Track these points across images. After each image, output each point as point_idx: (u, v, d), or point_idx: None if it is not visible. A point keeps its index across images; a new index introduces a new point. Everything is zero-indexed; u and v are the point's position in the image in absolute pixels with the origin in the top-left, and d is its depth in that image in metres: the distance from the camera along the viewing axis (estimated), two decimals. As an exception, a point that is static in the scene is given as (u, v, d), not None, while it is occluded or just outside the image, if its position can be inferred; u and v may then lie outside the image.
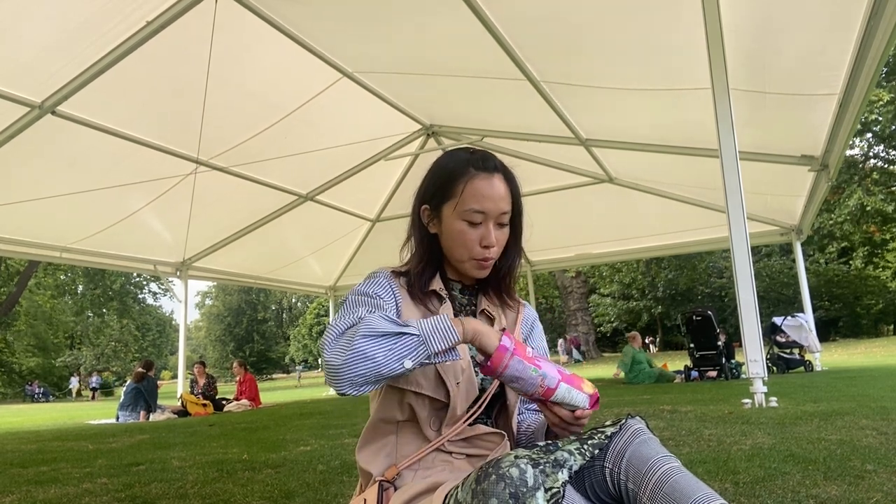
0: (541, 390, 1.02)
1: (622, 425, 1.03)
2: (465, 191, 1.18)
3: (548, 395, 1.03)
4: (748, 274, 4.11)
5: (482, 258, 1.19)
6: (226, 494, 2.49)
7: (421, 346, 1.00)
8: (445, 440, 1.11)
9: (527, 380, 1.02)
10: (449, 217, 1.20)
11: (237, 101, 6.13)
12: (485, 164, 1.21)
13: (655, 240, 10.25)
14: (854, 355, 16.58)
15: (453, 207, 1.19)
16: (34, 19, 4.37)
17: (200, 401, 8.71)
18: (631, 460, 0.98)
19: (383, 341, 0.99)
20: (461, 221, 1.18)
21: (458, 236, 1.19)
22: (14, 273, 31.66)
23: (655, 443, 1.01)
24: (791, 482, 2.02)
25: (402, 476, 1.09)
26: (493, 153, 1.26)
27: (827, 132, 5.72)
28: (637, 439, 1.00)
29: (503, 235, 1.22)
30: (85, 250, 8.22)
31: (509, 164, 1.26)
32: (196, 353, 52.18)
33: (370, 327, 1.00)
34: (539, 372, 1.02)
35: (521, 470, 0.88)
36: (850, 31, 4.12)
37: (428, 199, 1.25)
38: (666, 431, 3.32)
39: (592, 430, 1.04)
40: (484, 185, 1.18)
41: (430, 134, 8.06)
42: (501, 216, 1.20)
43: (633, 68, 5.36)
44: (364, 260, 11.41)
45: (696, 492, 0.90)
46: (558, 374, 1.03)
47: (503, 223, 1.22)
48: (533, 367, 1.02)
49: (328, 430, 4.73)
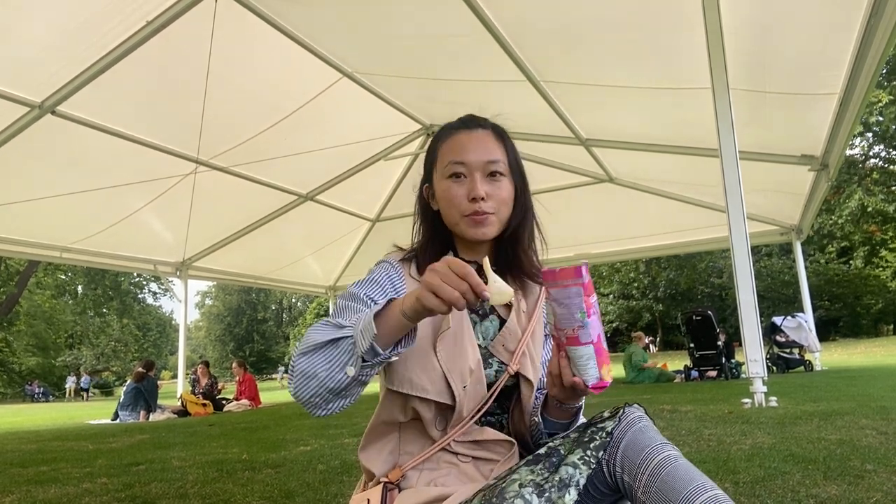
0: (569, 333, 0.96)
1: (620, 416, 0.98)
2: (444, 146, 1.13)
3: (570, 342, 0.96)
4: (748, 274, 4.10)
5: (472, 213, 1.08)
6: (226, 494, 2.49)
7: (354, 347, 0.90)
8: (451, 440, 1.06)
9: (569, 314, 0.95)
10: (437, 182, 1.13)
11: (237, 101, 6.12)
12: (466, 122, 1.16)
13: (655, 240, 10.25)
14: (854, 355, 16.58)
15: (438, 171, 1.13)
16: (34, 19, 4.37)
17: (200, 401, 8.72)
18: (626, 452, 0.93)
19: (321, 353, 0.90)
20: (445, 180, 1.10)
21: (445, 195, 1.10)
22: (14, 273, 31.65)
23: (651, 430, 0.96)
24: (791, 482, 2.02)
25: (406, 477, 1.05)
26: (483, 117, 1.19)
27: (827, 132, 5.72)
28: (633, 428, 0.95)
29: (499, 190, 1.10)
30: (85, 250, 8.22)
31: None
32: (196, 353, 52.16)
33: (307, 341, 0.92)
34: (582, 319, 0.95)
35: (527, 501, 0.85)
36: (851, 31, 4.12)
37: (425, 177, 1.19)
38: (666, 431, 3.32)
39: (593, 429, 0.98)
40: (462, 137, 1.12)
41: (429, 134, 8.06)
42: (488, 165, 1.10)
43: (633, 68, 5.36)
44: (364, 260, 11.40)
45: (689, 484, 0.86)
46: (596, 338, 0.96)
47: (495, 173, 1.10)
48: (582, 311, 0.95)
49: (328, 430, 4.73)
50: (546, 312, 1.07)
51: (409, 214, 1.31)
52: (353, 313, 1.01)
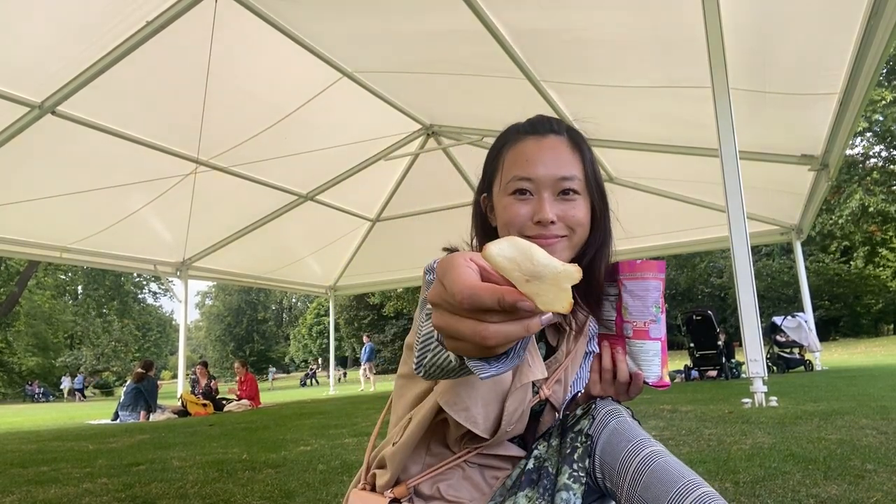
0: (639, 326, 0.93)
1: (593, 413, 0.92)
2: (507, 157, 0.97)
3: (637, 336, 0.93)
4: (748, 274, 4.10)
5: (536, 236, 0.92)
6: (226, 494, 2.49)
7: None
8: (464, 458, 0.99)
9: (643, 307, 0.93)
10: (497, 196, 0.98)
11: (237, 101, 6.12)
12: (535, 126, 0.99)
13: (655, 239, 10.24)
14: (854, 355, 16.58)
15: (499, 183, 0.97)
16: (34, 19, 4.37)
17: (200, 401, 8.72)
18: (603, 456, 0.88)
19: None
20: (507, 197, 0.95)
21: (505, 214, 0.94)
22: (14, 273, 31.67)
23: (628, 427, 0.89)
24: (791, 482, 2.02)
25: (412, 492, 0.99)
26: (556, 118, 1.02)
27: (827, 132, 5.72)
28: (606, 427, 0.90)
29: (573, 210, 0.94)
30: (85, 250, 8.22)
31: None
32: (196, 353, 52.17)
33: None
34: (656, 314, 0.93)
35: None
36: (850, 31, 4.12)
37: (484, 184, 1.03)
38: (666, 431, 3.32)
39: (571, 434, 0.93)
40: (530, 146, 0.96)
41: (429, 134, 8.06)
42: (561, 182, 0.93)
43: (633, 68, 5.36)
44: (364, 260, 11.41)
45: (670, 488, 0.80)
46: (664, 336, 0.95)
47: (569, 191, 0.94)
48: (657, 306, 0.93)
49: (328, 430, 4.74)
50: (604, 310, 0.98)
51: (408, 214, 1.29)
52: None
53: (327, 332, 16.91)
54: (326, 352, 19.74)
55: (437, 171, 8.57)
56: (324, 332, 43.06)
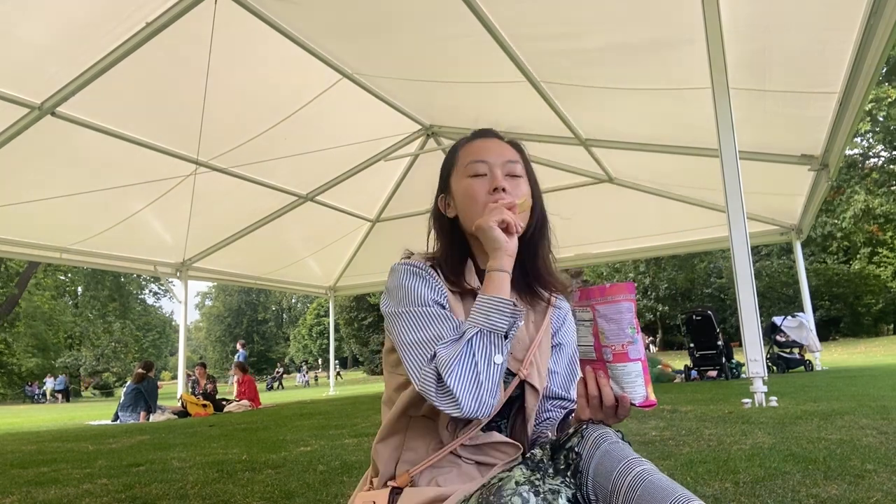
0: (617, 350, 0.96)
1: (584, 434, 0.98)
2: (462, 151, 1.18)
3: (618, 359, 0.96)
4: (748, 274, 4.10)
5: (494, 201, 1.09)
6: (226, 495, 2.49)
7: (492, 335, 0.97)
8: (458, 445, 1.07)
9: (619, 329, 0.95)
10: (456, 183, 1.17)
11: (237, 102, 6.13)
12: (482, 132, 1.22)
13: (655, 240, 10.24)
14: (854, 355, 16.59)
15: (457, 173, 1.17)
16: (34, 20, 4.37)
17: (200, 401, 8.72)
18: (596, 477, 0.93)
19: (467, 362, 0.95)
20: (466, 178, 1.14)
21: (466, 192, 1.13)
22: (14, 274, 31.65)
23: (618, 448, 0.95)
24: (791, 482, 2.02)
25: (416, 483, 1.06)
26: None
27: (827, 131, 5.72)
28: (598, 449, 0.95)
29: (518, 189, 1.13)
30: (85, 251, 8.22)
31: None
32: (196, 354, 52.20)
33: (447, 362, 0.95)
34: (633, 335, 0.95)
35: (524, 499, 0.86)
36: (850, 30, 4.12)
37: (440, 187, 1.23)
38: (666, 431, 3.31)
39: (564, 452, 0.99)
40: (481, 142, 1.18)
41: (429, 134, 8.06)
42: (508, 164, 1.14)
43: (632, 68, 5.36)
44: (364, 260, 11.41)
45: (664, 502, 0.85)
46: (643, 355, 0.97)
47: (514, 174, 1.14)
48: (632, 326, 0.96)
49: (328, 431, 4.73)
50: (577, 333, 1.05)
51: (408, 215, 1.34)
52: (440, 320, 1.03)
53: (327, 332, 16.91)
54: (326, 352, 19.73)
55: (436, 171, 8.48)
56: (324, 333, 43.05)
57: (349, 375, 37.26)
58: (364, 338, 38.36)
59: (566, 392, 1.22)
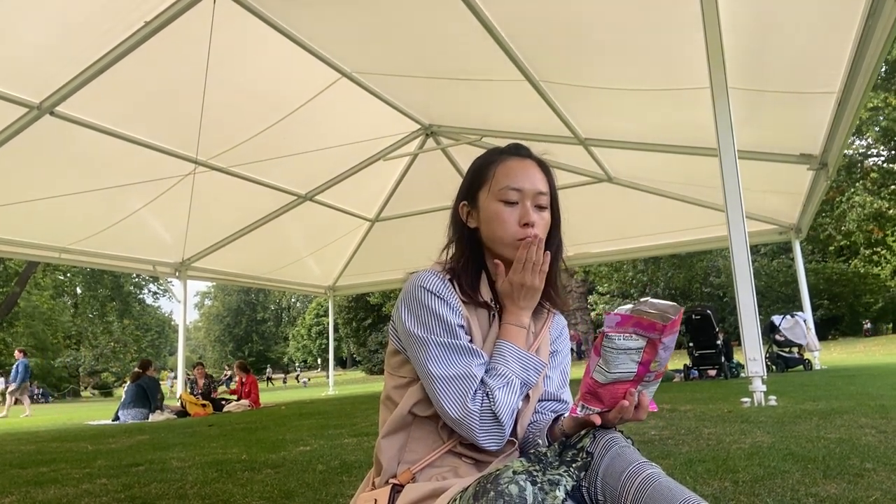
0: (660, 370, 1.02)
1: (595, 435, 1.01)
2: (498, 171, 1.18)
3: (657, 378, 1.03)
4: (747, 273, 4.11)
5: (523, 237, 1.14)
6: (225, 495, 2.49)
7: (524, 386, 1.10)
8: (458, 442, 1.10)
9: (667, 356, 1.00)
10: (485, 202, 1.18)
11: (236, 102, 6.12)
12: (517, 150, 1.23)
13: (655, 239, 10.25)
14: (853, 354, 16.61)
15: (488, 191, 1.18)
16: (33, 20, 4.37)
17: (200, 401, 8.72)
18: (606, 479, 0.95)
19: (507, 401, 1.06)
20: (497, 202, 1.16)
21: (496, 217, 1.16)
22: (13, 274, 31.62)
23: (628, 452, 0.97)
24: (790, 481, 2.02)
25: (417, 480, 1.08)
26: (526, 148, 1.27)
27: (826, 131, 5.72)
28: (609, 452, 0.97)
29: (543, 221, 1.17)
30: (84, 251, 8.21)
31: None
32: (195, 354, 52.18)
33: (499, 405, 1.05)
34: (666, 357, 1.01)
35: (521, 487, 0.87)
36: (849, 31, 4.13)
37: (464, 194, 1.23)
38: (665, 430, 3.32)
39: (573, 451, 1.01)
40: (516, 164, 1.19)
41: (428, 134, 8.06)
42: (538, 196, 1.17)
43: (632, 68, 5.36)
44: (363, 260, 11.41)
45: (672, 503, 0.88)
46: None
47: (541, 205, 1.18)
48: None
49: (328, 430, 4.73)
50: (606, 358, 1.02)
51: (408, 214, 1.34)
52: (468, 355, 1.10)
53: (326, 332, 16.91)
54: (326, 352, 19.73)
55: (435, 171, 8.57)
56: (323, 333, 43.03)
57: (348, 375, 37.25)
58: (363, 337, 38.35)
59: (559, 393, 1.26)
